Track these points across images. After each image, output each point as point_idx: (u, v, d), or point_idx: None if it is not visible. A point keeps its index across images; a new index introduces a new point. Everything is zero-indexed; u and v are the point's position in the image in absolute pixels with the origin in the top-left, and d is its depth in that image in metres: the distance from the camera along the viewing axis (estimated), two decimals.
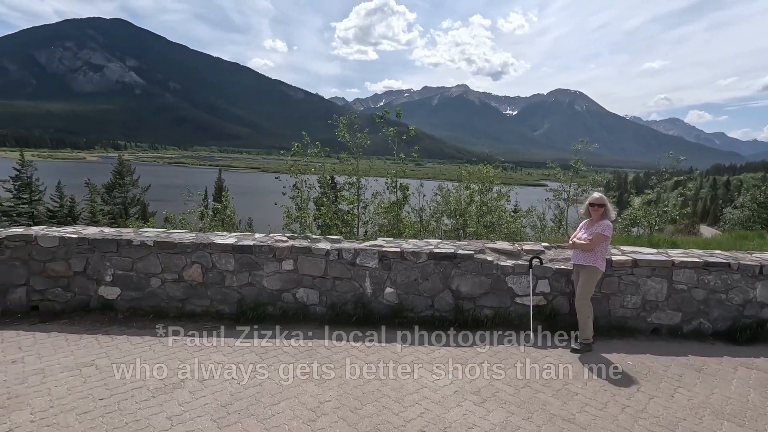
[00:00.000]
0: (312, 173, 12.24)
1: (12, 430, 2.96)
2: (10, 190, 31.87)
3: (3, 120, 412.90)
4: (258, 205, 49.47)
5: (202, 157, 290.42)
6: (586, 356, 4.37)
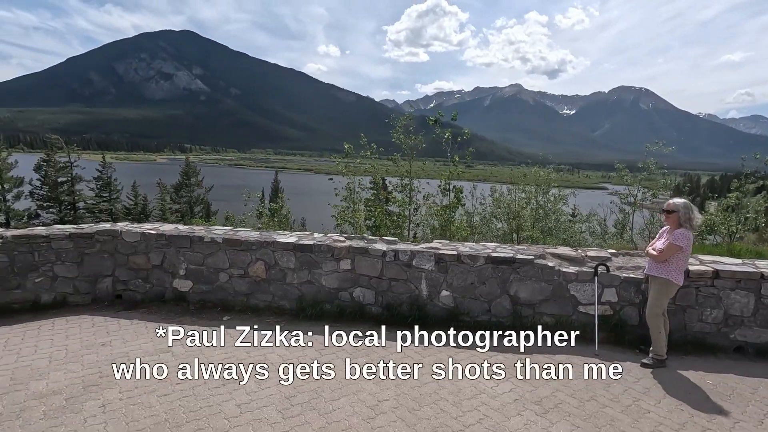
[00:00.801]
0: (364, 174, 12.44)
1: (105, 405, 3.28)
2: (93, 189, 35.25)
3: (87, 125, 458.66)
4: (310, 205, 50.99)
5: (258, 159, 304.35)
6: (658, 372, 4.08)
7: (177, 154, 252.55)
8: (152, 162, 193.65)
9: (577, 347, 4.52)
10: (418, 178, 11.89)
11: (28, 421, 3.05)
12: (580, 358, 4.32)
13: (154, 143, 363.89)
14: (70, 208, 32.75)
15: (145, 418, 3.15)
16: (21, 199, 31.87)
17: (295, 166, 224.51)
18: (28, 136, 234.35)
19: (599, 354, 4.39)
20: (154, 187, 39.64)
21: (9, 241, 4.89)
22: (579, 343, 4.60)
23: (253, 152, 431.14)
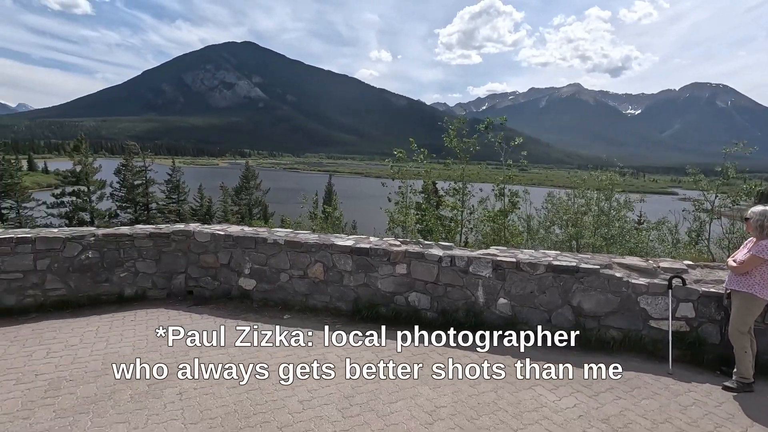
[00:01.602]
0: (415, 178, 12.45)
1: (181, 393, 3.55)
2: (164, 191, 38.17)
3: (159, 132, 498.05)
4: (361, 208, 51.78)
5: (312, 163, 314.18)
6: (743, 397, 3.72)
7: (237, 159, 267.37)
8: (215, 166, 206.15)
9: (648, 364, 4.24)
10: (470, 182, 11.73)
11: (117, 403, 3.37)
12: (651, 376, 4.05)
13: (217, 148, 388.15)
14: (144, 209, 35.68)
15: (217, 407, 3.37)
16: (103, 200, 35.21)
17: (347, 169, 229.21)
18: (109, 142, 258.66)
19: (673, 373, 4.09)
20: (217, 189, 42.23)
21: (100, 239, 5.44)
22: (650, 360, 4.31)
23: (307, 156, 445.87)
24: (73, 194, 33.38)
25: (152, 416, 3.22)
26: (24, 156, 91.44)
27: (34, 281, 5.13)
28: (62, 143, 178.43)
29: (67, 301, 5.32)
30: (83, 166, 32.95)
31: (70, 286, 5.31)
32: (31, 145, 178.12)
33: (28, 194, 35.13)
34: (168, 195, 38.08)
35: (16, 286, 5.06)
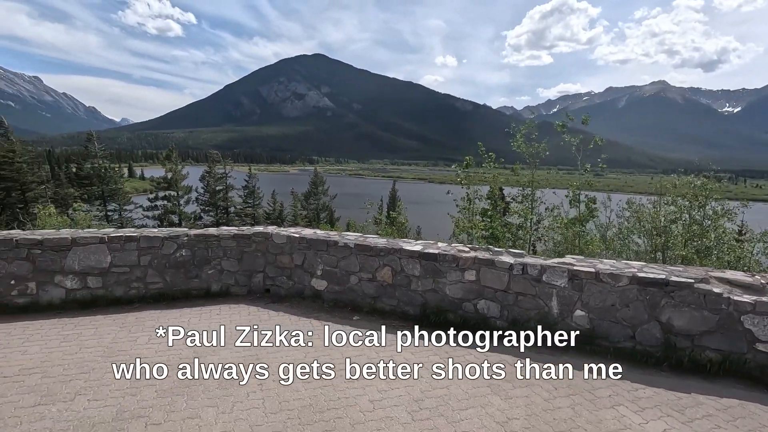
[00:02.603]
0: (481, 184, 12.17)
1: (261, 384, 3.80)
2: (241, 196, 41.06)
3: (237, 142, 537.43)
4: (425, 213, 51.63)
5: (376, 169, 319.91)
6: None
7: (306, 166, 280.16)
8: (286, 173, 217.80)
9: (755, 392, 3.77)
10: (540, 187, 11.24)
11: (207, 388, 3.70)
12: (758, 406, 3.59)
13: (288, 156, 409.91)
14: (224, 212, 38.64)
15: (294, 400, 3.56)
16: (189, 203, 38.71)
17: (411, 175, 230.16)
18: (195, 152, 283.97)
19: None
20: (287, 195, 44.58)
21: (192, 239, 6.01)
22: (757, 388, 3.83)
23: (372, 162, 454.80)
24: (165, 198, 37.10)
25: (237, 403, 3.48)
26: (125, 164, 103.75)
27: (138, 275, 5.79)
28: (156, 153, 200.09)
29: (163, 294, 5.93)
30: (173, 174, 36.52)
31: (166, 280, 5.92)
32: (131, 155, 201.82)
33: (129, 198, 39.60)
34: (245, 199, 40.94)
35: (124, 279, 5.74)
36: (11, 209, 30.59)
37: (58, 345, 4.43)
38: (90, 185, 36.76)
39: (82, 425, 3.12)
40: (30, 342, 4.50)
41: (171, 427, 3.14)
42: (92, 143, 36.97)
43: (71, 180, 46.41)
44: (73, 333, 4.75)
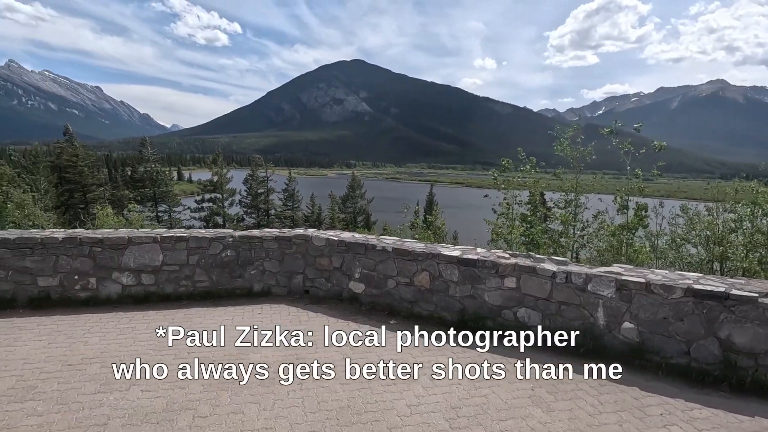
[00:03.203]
0: (521, 188, 11.86)
1: (301, 383, 3.89)
2: (281, 199, 42.20)
3: (278, 146, 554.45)
4: (462, 218, 50.95)
5: (413, 173, 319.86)
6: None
7: (344, 169, 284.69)
8: (324, 176, 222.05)
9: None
10: (585, 193, 10.82)
11: (249, 385, 3.82)
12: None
13: (326, 160, 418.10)
14: (265, 215, 39.90)
15: (332, 401, 3.61)
16: (233, 205, 40.27)
17: (447, 179, 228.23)
18: (238, 156, 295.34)
19: None
20: (325, 198, 45.40)
21: (237, 240, 6.26)
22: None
23: (408, 166, 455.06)
24: (210, 200, 38.83)
25: (278, 401, 3.58)
26: (175, 168, 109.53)
27: (186, 273, 6.09)
28: (203, 157, 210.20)
29: (209, 292, 6.20)
30: (219, 177, 38.17)
31: (212, 279, 6.19)
32: (180, 159, 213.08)
33: (178, 200, 41.77)
34: (284, 202, 42.11)
35: (174, 277, 6.06)
36: (74, 210, 33.07)
37: (115, 337, 4.74)
38: (143, 187, 39.12)
39: (136, 414, 3.31)
40: (90, 333, 4.83)
41: (216, 420, 3.27)
42: (146, 148, 39.34)
43: (126, 182, 49.55)
44: (128, 326, 5.06)
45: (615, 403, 3.67)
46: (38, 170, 32.33)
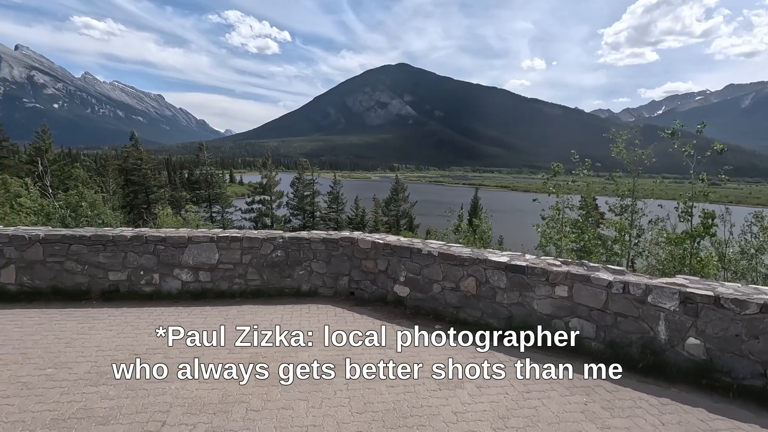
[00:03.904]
0: (572, 192, 11.37)
1: (347, 383, 3.95)
2: (326, 201, 43.12)
3: (324, 150, 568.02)
4: (507, 223, 49.60)
5: (457, 176, 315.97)
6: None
7: (387, 173, 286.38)
8: (367, 179, 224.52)
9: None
10: (642, 198, 10.20)
11: (299, 382, 3.94)
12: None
13: (370, 163, 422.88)
14: (310, 217, 40.93)
15: (378, 403, 3.65)
16: (281, 207, 41.66)
17: (492, 183, 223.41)
18: (286, 159, 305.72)
19: None
20: (369, 201, 45.89)
21: (286, 240, 6.48)
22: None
23: (452, 170, 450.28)
24: (260, 202, 40.39)
25: (325, 399, 3.66)
26: (227, 171, 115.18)
27: (240, 272, 6.39)
28: (253, 160, 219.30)
29: (260, 291, 6.46)
30: (268, 180, 39.64)
31: (263, 278, 6.45)
32: (232, 162, 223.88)
33: (230, 201, 43.82)
34: (329, 205, 43.00)
35: (228, 275, 6.37)
36: (137, 209, 35.61)
37: (176, 329, 5.05)
38: (199, 189, 41.44)
39: (195, 404, 3.51)
40: (154, 326, 5.18)
41: (267, 414, 3.40)
42: (202, 152, 41.67)
43: (184, 184, 52.74)
44: (187, 320, 5.38)
45: (679, 425, 3.43)
46: (107, 172, 35.17)
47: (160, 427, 3.17)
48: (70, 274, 6.02)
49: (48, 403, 3.44)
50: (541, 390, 3.92)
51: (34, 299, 5.89)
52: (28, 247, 5.91)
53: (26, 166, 29.72)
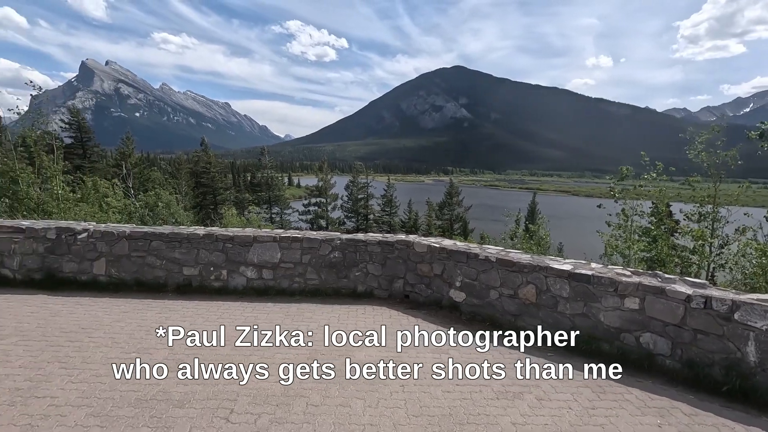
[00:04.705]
0: (642, 198, 10.58)
1: (403, 386, 3.97)
2: (379, 204, 43.57)
3: (377, 153, 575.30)
4: (567, 229, 47.18)
5: (513, 180, 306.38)
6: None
7: (441, 176, 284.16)
8: (421, 183, 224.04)
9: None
10: (726, 205, 9.28)
11: (355, 381, 4.03)
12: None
13: (424, 166, 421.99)
14: (363, 219, 41.57)
15: (434, 407, 3.63)
16: (335, 210, 42.73)
17: (551, 187, 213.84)
18: (341, 163, 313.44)
19: None
20: (421, 204, 45.78)
21: (343, 242, 6.65)
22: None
23: (508, 173, 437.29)
24: (316, 204, 41.72)
25: (381, 400, 3.71)
26: (286, 174, 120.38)
27: (299, 271, 6.65)
28: (310, 164, 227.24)
29: (318, 290, 6.67)
30: (324, 183, 40.86)
31: (321, 278, 6.66)
32: (290, 166, 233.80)
33: (288, 203, 45.71)
34: (382, 208, 43.43)
35: (289, 274, 6.65)
36: (205, 210, 38.17)
37: (242, 324, 5.36)
38: (260, 191, 43.65)
39: (260, 395, 3.71)
40: (221, 319, 5.54)
41: (326, 410, 3.51)
42: (264, 156, 43.87)
43: (247, 186, 55.80)
44: (251, 315, 5.69)
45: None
46: (180, 175, 38.07)
47: (228, 414, 3.38)
48: (150, 268, 6.60)
49: (132, 384, 3.80)
50: (608, 407, 3.70)
51: (120, 290, 6.53)
52: (117, 242, 6.57)
53: (112, 169, 32.99)
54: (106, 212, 16.31)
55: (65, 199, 12.74)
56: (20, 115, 13.73)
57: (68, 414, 3.30)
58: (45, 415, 3.28)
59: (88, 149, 37.04)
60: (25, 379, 3.80)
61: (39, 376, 3.86)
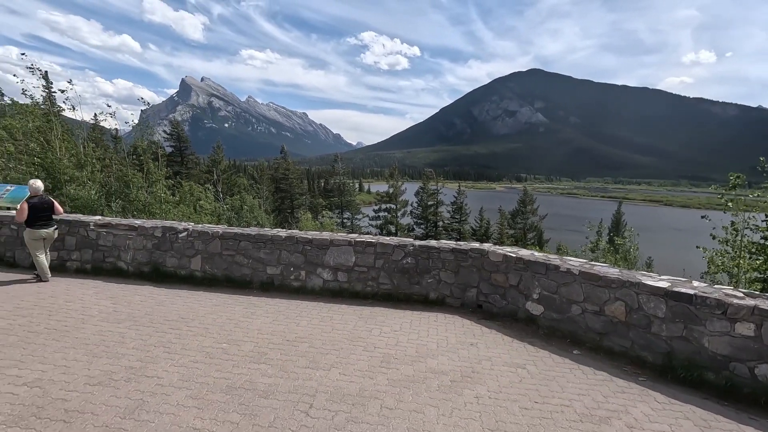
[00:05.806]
0: (757, 210, 9.25)
1: (478, 398, 3.87)
2: (449, 212, 43.05)
3: (448, 160, 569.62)
4: (659, 243, 42.79)
5: (594, 188, 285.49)
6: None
7: (513, 183, 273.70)
8: (492, 190, 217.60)
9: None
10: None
11: (429, 388, 4.01)
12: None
13: (495, 173, 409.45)
14: (433, 226, 41.33)
15: (510, 423, 3.49)
16: (405, 216, 43.00)
17: (639, 196, 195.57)
18: (410, 169, 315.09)
19: None
20: (493, 212, 44.39)
21: (416, 248, 6.68)
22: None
23: (589, 181, 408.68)
24: (386, 210, 42.33)
25: (455, 410, 3.65)
26: (357, 180, 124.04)
27: (372, 275, 6.79)
28: (380, 170, 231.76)
29: (390, 295, 6.76)
30: (394, 189, 41.36)
31: (393, 283, 6.74)
32: (361, 173, 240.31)
33: (359, 208, 46.92)
34: (452, 215, 42.85)
35: (362, 277, 6.82)
36: (283, 213, 40.55)
37: (318, 323, 5.60)
38: (333, 197, 45.35)
39: (337, 393, 3.84)
40: (300, 317, 5.83)
41: (400, 414, 3.54)
42: (337, 163, 45.57)
43: (321, 192, 58.32)
44: (327, 315, 5.92)
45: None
46: (263, 181, 40.89)
47: (308, 409, 3.55)
48: (239, 266, 7.16)
49: (223, 372, 4.14)
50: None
51: (212, 285, 7.16)
52: (211, 241, 7.23)
53: (204, 175, 36.42)
54: (199, 214, 17.97)
55: (166, 201, 14.32)
56: (132, 127, 15.79)
57: (171, 394, 3.68)
58: (153, 392, 3.69)
59: (185, 157, 41.25)
60: (137, 360, 4.32)
61: (148, 357, 4.37)
